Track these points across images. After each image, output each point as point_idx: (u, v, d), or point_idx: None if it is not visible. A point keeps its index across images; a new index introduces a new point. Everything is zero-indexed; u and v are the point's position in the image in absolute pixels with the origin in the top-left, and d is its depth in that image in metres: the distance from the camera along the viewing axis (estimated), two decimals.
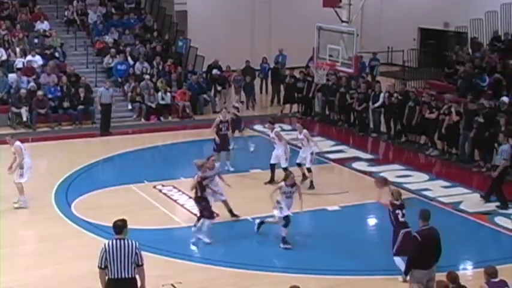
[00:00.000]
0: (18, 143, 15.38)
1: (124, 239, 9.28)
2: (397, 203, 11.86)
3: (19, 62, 23.94)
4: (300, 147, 17.22)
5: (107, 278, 9.29)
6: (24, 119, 22.07)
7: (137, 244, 9.30)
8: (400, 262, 11.66)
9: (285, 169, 16.13)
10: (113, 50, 25.58)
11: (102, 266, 9.20)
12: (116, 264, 9.17)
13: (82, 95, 23.19)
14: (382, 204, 12.52)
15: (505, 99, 19.65)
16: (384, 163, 19.52)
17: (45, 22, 26.48)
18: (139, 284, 9.33)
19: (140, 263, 9.25)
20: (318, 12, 22.80)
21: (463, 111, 19.29)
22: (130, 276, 9.26)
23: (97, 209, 15.16)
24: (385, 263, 12.18)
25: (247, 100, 26.16)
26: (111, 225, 9.10)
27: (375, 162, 19.44)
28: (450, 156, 19.77)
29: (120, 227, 9.35)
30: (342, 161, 19.54)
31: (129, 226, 9.48)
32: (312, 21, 21.27)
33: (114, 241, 9.26)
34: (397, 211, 11.75)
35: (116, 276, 9.19)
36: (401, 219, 11.74)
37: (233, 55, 28.02)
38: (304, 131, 16.97)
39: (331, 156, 20.02)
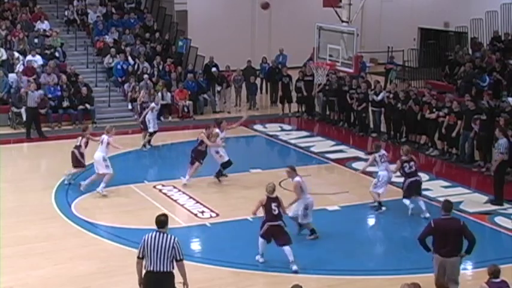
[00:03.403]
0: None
1: (164, 233, 9.40)
2: (406, 158, 14.95)
3: (20, 66, 23.94)
4: None
5: (144, 270, 9.43)
6: (24, 119, 22.05)
7: (176, 239, 9.39)
8: (407, 202, 15.04)
9: None
10: (113, 50, 25.59)
11: (140, 256, 9.41)
12: (153, 257, 9.31)
13: (85, 93, 23.20)
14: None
15: (510, 100, 19.69)
16: None
17: (45, 22, 26.48)
18: (177, 280, 9.40)
19: (179, 258, 9.35)
20: (318, 12, 22.79)
21: (463, 111, 19.29)
22: (167, 270, 9.36)
23: (97, 209, 15.17)
24: (385, 263, 12.19)
25: (249, 100, 26.21)
26: (111, 225, 9.14)
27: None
28: (450, 156, 19.78)
29: (163, 222, 9.52)
30: (342, 161, 19.54)
31: (129, 226, 9.48)
32: (312, 21, 21.27)
33: (154, 233, 9.39)
34: (404, 164, 14.92)
35: (153, 269, 9.34)
36: (407, 170, 14.92)
37: (233, 55, 28.02)
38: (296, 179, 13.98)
39: (331, 156, 20.02)
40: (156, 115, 20.63)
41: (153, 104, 20.41)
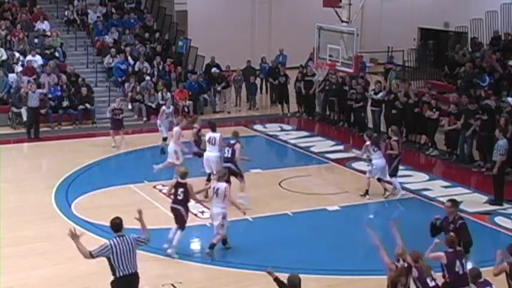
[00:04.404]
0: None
1: (123, 236, 9.54)
2: (396, 138, 16.09)
3: (19, 67, 23.95)
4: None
5: (113, 277, 9.55)
6: (25, 119, 22.06)
7: (132, 236, 9.66)
8: (396, 183, 16.17)
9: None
10: (113, 50, 25.59)
11: (95, 256, 9.46)
12: (124, 262, 9.43)
13: (84, 93, 23.20)
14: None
15: (510, 99, 19.69)
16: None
17: (45, 22, 26.49)
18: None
19: (142, 239, 9.72)
20: (318, 12, 22.83)
21: (462, 111, 19.30)
22: (136, 269, 9.59)
23: (97, 209, 15.16)
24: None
25: (249, 100, 26.22)
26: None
27: None
28: (450, 156, 19.78)
29: (118, 224, 9.63)
30: (342, 161, 19.55)
31: (129, 226, 9.51)
32: (312, 21, 21.28)
33: (118, 239, 9.48)
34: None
35: (126, 273, 9.47)
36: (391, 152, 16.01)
37: (233, 55, 28.03)
38: None
39: (331, 156, 20.02)
40: (168, 119, 19.78)
41: (163, 108, 20.09)
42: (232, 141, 15.54)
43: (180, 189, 12.82)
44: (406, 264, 9.64)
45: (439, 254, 10.02)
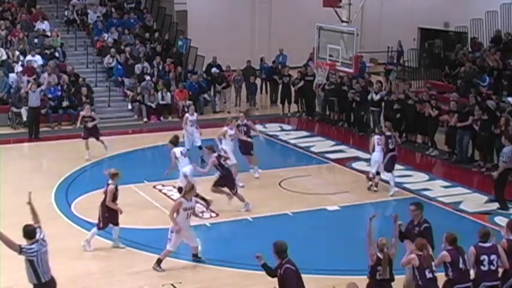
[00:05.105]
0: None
1: (37, 241, 9.55)
2: (389, 134, 16.57)
3: (19, 66, 23.94)
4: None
5: (37, 282, 9.52)
6: (25, 119, 22.07)
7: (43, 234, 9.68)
8: (390, 177, 16.54)
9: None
10: (113, 50, 25.59)
11: (22, 252, 9.50)
12: (45, 267, 9.54)
13: (85, 93, 23.20)
14: None
15: (510, 99, 19.68)
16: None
17: (45, 22, 26.49)
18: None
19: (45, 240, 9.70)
20: (318, 12, 22.81)
21: (462, 111, 19.31)
22: (53, 276, 9.71)
23: (97, 209, 15.09)
24: None
25: (249, 100, 26.22)
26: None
27: None
28: (450, 156, 19.78)
29: (31, 232, 9.61)
30: (342, 161, 19.54)
31: (129, 226, 9.49)
32: (312, 21, 21.26)
33: (35, 246, 9.47)
34: (389, 140, 16.42)
35: (49, 278, 9.61)
36: (390, 146, 16.43)
37: (233, 55, 28.04)
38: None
39: (331, 156, 20.03)
40: (194, 127, 18.78)
41: (186, 115, 19.20)
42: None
43: (104, 189, 13.12)
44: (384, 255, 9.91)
45: (443, 254, 10.03)
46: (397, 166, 18.87)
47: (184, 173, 15.08)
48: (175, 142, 15.74)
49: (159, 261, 12.34)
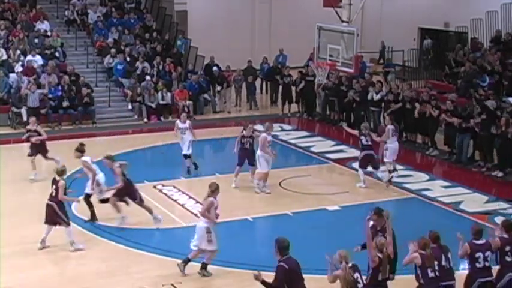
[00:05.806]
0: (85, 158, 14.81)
1: None
2: (364, 132, 16.78)
3: (19, 67, 23.94)
4: None
5: None
6: (25, 119, 22.05)
7: None
8: (361, 173, 16.93)
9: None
10: (113, 50, 25.59)
11: None
12: None
13: (85, 93, 23.20)
14: None
15: (510, 99, 19.68)
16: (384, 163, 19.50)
17: (45, 22, 26.49)
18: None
19: None
20: (318, 12, 22.81)
21: (461, 111, 19.31)
22: None
23: (97, 209, 15.14)
24: None
25: (249, 100, 26.22)
26: (111, 225, 9.13)
27: None
28: (450, 156, 19.78)
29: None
30: (342, 161, 19.54)
31: (129, 226, 9.47)
32: (312, 21, 21.27)
33: None
34: (361, 137, 16.80)
35: None
36: (364, 143, 16.76)
37: (233, 55, 28.06)
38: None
39: (331, 156, 20.02)
40: (185, 134, 17.71)
41: (177, 121, 18.07)
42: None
43: (54, 187, 13.06)
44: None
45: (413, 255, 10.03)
46: (397, 166, 18.93)
47: (97, 180, 14.82)
48: (82, 150, 15.21)
49: (204, 266, 12.21)
